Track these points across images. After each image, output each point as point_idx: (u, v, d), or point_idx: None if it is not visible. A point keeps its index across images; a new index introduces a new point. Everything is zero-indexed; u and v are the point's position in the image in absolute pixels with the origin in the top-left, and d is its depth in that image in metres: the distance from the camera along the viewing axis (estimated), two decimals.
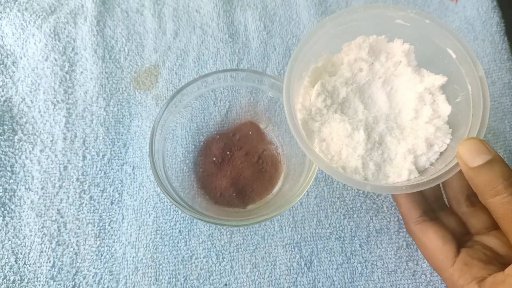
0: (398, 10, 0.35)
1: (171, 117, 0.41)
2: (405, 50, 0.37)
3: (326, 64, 0.38)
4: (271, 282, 0.40)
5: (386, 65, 0.38)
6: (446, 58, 0.35)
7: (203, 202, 0.41)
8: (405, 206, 0.34)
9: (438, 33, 0.35)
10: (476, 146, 0.27)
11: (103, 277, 0.40)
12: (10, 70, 0.49)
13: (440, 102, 0.36)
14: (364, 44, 0.37)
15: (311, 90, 0.36)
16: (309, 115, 0.36)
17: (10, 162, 0.44)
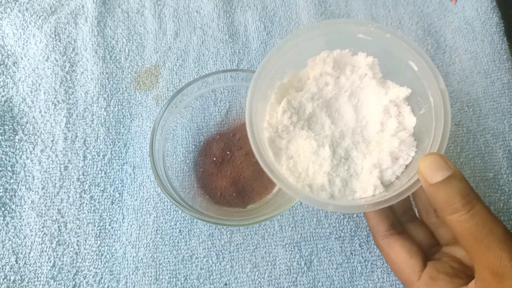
0: (359, 25, 0.35)
1: (172, 117, 0.41)
2: (369, 63, 0.37)
3: (292, 80, 0.38)
4: (271, 282, 0.40)
5: (351, 78, 0.38)
6: (409, 70, 0.35)
7: (203, 202, 0.41)
8: (373, 220, 0.34)
9: (399, 47, 0.35)
10: (436, 162, 0.27)
11: (104, 277, 0.40)
12: (11, 70, 0.49)
13: (406, 114, 0.36)
14: (329, 59, 0.37)
15: (277, 107, 0.36)
16: (276, 132, 0.36)
17: (10, 162, 0.44)
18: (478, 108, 0.47)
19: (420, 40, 0.51)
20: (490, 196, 0.44)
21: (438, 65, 0.50)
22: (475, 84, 0.48)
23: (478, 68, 0.49)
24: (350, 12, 0.53)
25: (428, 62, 0.34)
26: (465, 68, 0.49)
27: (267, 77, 0.35)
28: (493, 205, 0.43)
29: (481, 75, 0.49)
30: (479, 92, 0.48)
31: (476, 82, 0.48)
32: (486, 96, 0.48)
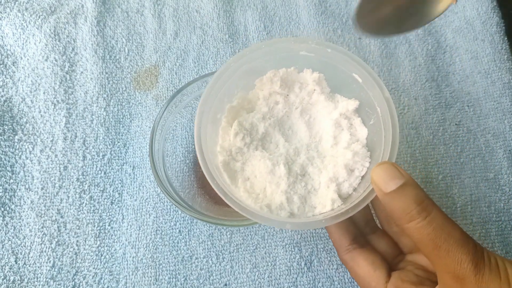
0: (300, 42, 0.36)
1: (171, 117, 0.41)
2: (316, 78, 0.37)
3: (242, 102, 0.38)
4: (271, 282, 0.40)
5: (300, 95, 0.38)
6: (354, 83, 0.36)
7: (203, 202, 0.41)
8: (335, 234, 0.34)
9: (341, 60, 0.35)
10: (388, 170, 0.27)
11: (103, 277, 0.40)
12: (10, 70, 0.49)
13: (357, 126, 0.37)
14: (275, 78, 0.37)
15: (229, 130, 0.36)
16: (230, 155, 0.36)
17: (10, 162, 0.44)
18: (479, 108, 0.47)
19: (420, 40, 0.51)
20: (490, 196, 0.43)
21: (439, 65, 0.49)
22: (476, 84, 0.48)
23: (479, 68, 0.49)
24: (350, 11, 0.53)
25: (370, 73, 0.34)
26: (465, 68, 0.49)
27: (214, 101, 0.35)
28: (494, 205, 0.43)
29: (482, 75, 0.48)
30: (480, 92, 0.48)
31: (476, 82, 0.48)
32: (487, 96, 0.47)
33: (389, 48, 0.50)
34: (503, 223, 0.42)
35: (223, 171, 0.34)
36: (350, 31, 0.51)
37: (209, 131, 0.34)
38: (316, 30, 0.51)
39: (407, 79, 0.48)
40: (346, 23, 0.52)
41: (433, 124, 0.47)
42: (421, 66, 0.49)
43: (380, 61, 0.49)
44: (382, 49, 0.50)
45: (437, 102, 0.48)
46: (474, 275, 0.24)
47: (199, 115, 0.33)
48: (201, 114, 0.34)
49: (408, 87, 0.48)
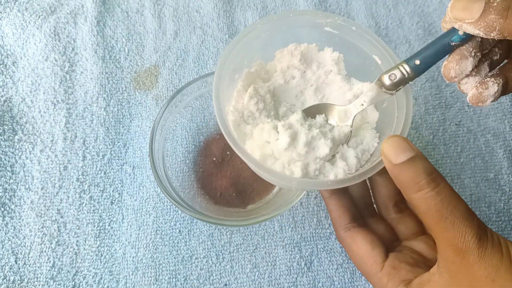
0: (326, 17, 0.36)
1: (171, 117, 0.41)
2: (335, 58, 0.37)
3: (259, 71, 0.38)
4: (271, 282, 0.40)
5: (317, 73, 0.38)
6: (372, 65, 0.36)
7: (203, 202, 0.41)
8: (335, 212, 0.34)
9: (364, 40, 0.35)
10: (399, 143, 0.27)
11: (103, 277, 0.40)
12: (10, 70, 0.49)
13: (368, 109, 0.37)
14: (296, 52, 0.37)
15: (244, 94, 0.37)
16: (242, 117, 0.36)
17: (10, 162, 0.44)
18: (479, 108, 0.47)
19: (420, 40, 0.51)
20: (490, 196, 0.43)
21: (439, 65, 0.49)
22: None
23: None
24: (350, 11, 0.53)
25: (391, 56, 0.34)
26: None
27: (236, 58, 0.35)
28: (494, 205, 0.43)
29: None
30: None
31: None
32: None
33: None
34: (503, 223, 0.42)
35: (232, 131, 0.34)
36: None
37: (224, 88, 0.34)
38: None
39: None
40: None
41: (433, 124, 0.47)
42: None
43: None
44: None
45: (437, 102, 0.48)
46: (477, 249, 0.25)
47: (220, 66, 0.34)
48: (222, 66, 0.34)
49: None
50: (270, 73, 0.39)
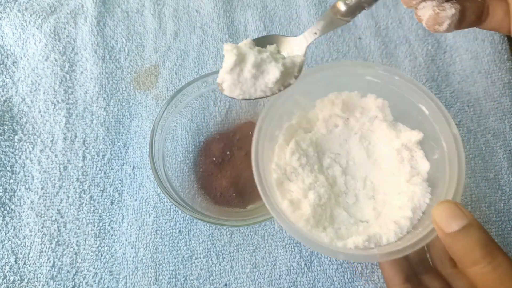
0: (367, 67, 0.35)
1: (171, 117, 0.41)
2: (379, 105, 0.36)
3: (300, 121, 0.37)
4: (271, 282, 0.40)
5: (361, 121, 0.37)
6: (420, 114, 0.35)
7: (203, 202, 0.41)
8: (388, 272, 0.32)
9: (408, 89, 0.34)
10: (451, 210, 0.26)
11: (103, 277, 0.40)
12: (10, 70, 0.49)
13: (419, 158, 0.35)
14: (337, 100, 0.36)
15: (286, 148, 0.36)
16: (284, 174, 0.35)
17: (10, 162, 0.44)
18: (479, 108, 0.47)
19: (420, 40, 0.51)
20: (490, 196, 0.43)
21: (439, 65, 0.49)
22: (476, 84, 0.48)
23: (479, 68, 0.49)
24: None
25: (439, 106, 0.33)
26: (465, 68, 0.49)
27: (274, 118, 0.34)
28: (494, 205, 0.43)
29: (482, 75, 0.48)
30: (480, 92, 0.48)
31: (476, 82, 0.48)
32: (487, 96, 0.47)
33: (389, 48, 0.50)
34: (503, 223, 0.42)
35: (276, 189, 0.33)
36: (350, 31, 0.51)
37: (265, 148, 0.33)
38: None
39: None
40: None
41: None
42: (421, 66, 0.49)
43: (380, 61, 0.49)
44: (382, 49, 0.50)
45: None
46: None
47: (257, 131, 0.33)
48: (259, 130, 0.33)
49: None
50: (312, 122, 0.38)
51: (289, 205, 0.33)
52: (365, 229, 0.33)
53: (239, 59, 0.30)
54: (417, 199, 0.33)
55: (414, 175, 0.35)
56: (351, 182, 0.36)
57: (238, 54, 0.29)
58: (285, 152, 0.36)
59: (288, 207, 0.33)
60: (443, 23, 0.27)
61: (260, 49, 0.32)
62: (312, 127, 0.38)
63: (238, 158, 0.43)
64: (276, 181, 0.34)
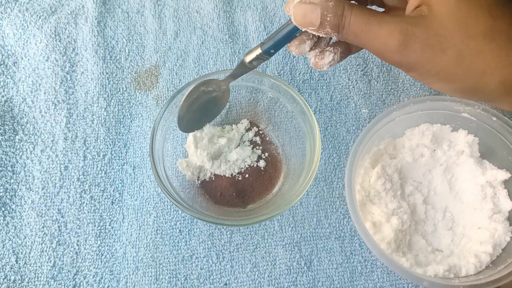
0: (466, 105, 0.36)
1: (172, 117, 0.41)
2: (469, 141, 0.37)
3: (387, 147, 0.39)
4: (271, 282, 0.40)
5: (448, 153, 0.38)
6: (510, 154, 0.36)
7: (203, 202, 0.41)
8: None
9: (504, 130, 0.36)
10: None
11: (104, 277, 0.40)
12: (11, 71, 0.49)
13: (501, 197, 0.36)
14: (428, 132, 0.38)
15: (371, 171, 0.37)
16: (368, 196, 0.36)
17: (11, 162, 0.44)
18: None
19: None
20: None
21: None
22: None
23: None
24: None
25: None
26: None
27: (367, 143, 0.36)
28: None
29: None
30: None
31: None
32: None
33: None
34: None
35: (359, 210, 0.35)
36: None
37: (353, 175, 0.35)
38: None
39: (407, 79, 0.48)
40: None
41: None
42: None
43: (379, 61, 0.49)
44: None
45: None
46: None
47: (352, 155, 0.35)
48: (355, 153, 0.35)
49: (408, 87, 0.48)
50: (398, 149, 0.39)
51: (371, 227, 0.35)
52: (443, 258, 0.35)
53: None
54: (498, 236, 0.34)
55: (496, 212, 0.36)
56: (431, 212, 0.38)
57: None
58: (369, 175, 0.37)
59: (370, 228, 0.35)
60: (323, 67, 0.33)
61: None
62: (397, 154, 0.39)
63: None
64: (359, 202, 0.36)
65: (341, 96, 0.48)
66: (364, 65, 0.49)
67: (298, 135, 0.42)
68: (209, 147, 0.42)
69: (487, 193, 0.37)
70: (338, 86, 0.48)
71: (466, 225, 0.37)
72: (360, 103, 0.47)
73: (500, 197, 0.37)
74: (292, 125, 0.42)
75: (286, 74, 0.49)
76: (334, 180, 0.43)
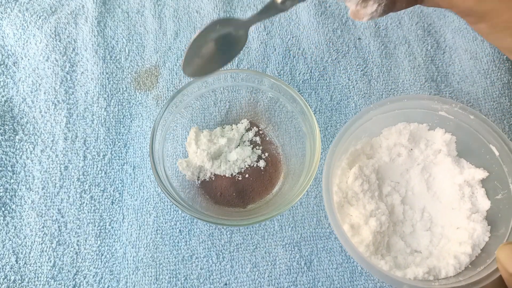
0: (443, 103, 0.36)
1: (172, 117, 0.41)
2: (447, 140, 0.37)
3: (364, 147, 0.38)
4: (271, 282, 0.40)
5: (425, 153, 0.38)
6: (488, 153, 0.35)
7: (203, 202, 0.41)
8: None
9: (482, 129, 0.35)
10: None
11: (104, 277, 0.40)
12: (11, 71, 0.49)
13: (479, 196, 0.36)
14: (405, 131, 0.37)
15: (348, 171, 0.37)
16: (345, 198, 0.36)
17: (11, 162, 0.44)
18: (478, 108, 0.47)
19: (420, 40, 0.51)
20: None
21: (438, 65, 0.50)
22: (475, 84, 0.48)
23: (478, 68, 0.49)
24: None
25: (511, 149, 0.34)
26: (465, 68, 0.49)
27: (345, 143, 0.35)
28: None
29: (481, 75, 0.49)
30: (479, 92, 0.48)
31: (476, 82, 0.48)
32: (486, 96, 0.48)
33: (388, 48, 0.50)
34: None
35: (337, 212, 0.34)
36: (350, 32, 0.51)
37: (332, 175, 0.35)
38: (316, 31, 0.51)
39: (407, 79, 0.49)
40: (346, 23, 0.52)
41: None
42: (420, 66, 0.49)
43: (379, 62, 0.50)
44: (382, 50, 0.50)
45: None
46: None
47: (329, 156, 0.34)
48: (332, 153, 0.34)
49: (408, 87, 0.48)
50: (375, 149, 0.39)
51: (349, 229, 0.34)
52: (422, 260, 0.34)
53: None
54: (477, 236, 0.34)
55: (474, 212, 0.36)
56: (409, 212, 0.37)
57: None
58: (347, 175, 0.37)
59: (348, 231, 0.34)
60: (363, 18, 0.30)
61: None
62: (374, 154, 0.39)
63: None
64: (337, 204, 0.35)
65: (341, 96, 0.48)
66: (364, 65, 0.49)
67: (298, 135, 0.42)
68: (209, 147, 0.42)
69: (465, 192, 0.36)
70: (338, 86, 0.48)
71: (445, 225, 0.36)
72: (360, 103, 0.47)
73: (478, 196, 0.36)
74: (292, 125, 0.42)
75: (286, 74, 0.49)
76: None
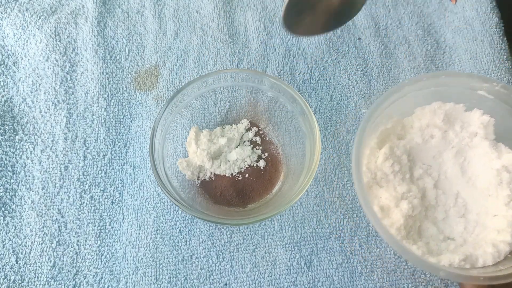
0: (483, 81, 0.33)
1: (172, 117, 0.41)
2: (484, 122, 0.34)
3: (395, 126, 0.36)
4: (271, 282, 0.40)
5: (460, 135, 0.35)
6: None
7: (203, 202, 0.41)
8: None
9: None
10: None
11: (104, 277, 0.40)
12: (11, 70, 0.49)
13: None
14: (440, 111, 0.35)
15: (377, 151, 0.34)
16: (374, 179, 0.34)
17: (11, 162, 0.44)
18: None
19: (420, 40, 0.51)
20: None
21: (438, 65, 0.50)
22: None
23: (478, 68, 0.49)
24: None
25: None
26: (465, 68, 0.49)
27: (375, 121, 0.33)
28: None
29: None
30: None
31: None
32: None
33: (388, 48, 0.51)
34: None
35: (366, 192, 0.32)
36: (350, 32, 0.52)
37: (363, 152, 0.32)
38: None
39: (407, 79, 0.49)
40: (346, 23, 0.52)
41: None
42: (420, 66, 0.49)
43: (379, 61, 0.50)
44: (382, 49, 0.50)
45: None
46: None
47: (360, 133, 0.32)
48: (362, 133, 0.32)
49: None
50: (406, 129, 0.36)
51: (379, 211, 0.32)
52: (456, 247, 0.32)
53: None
54: None
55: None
56: (442, 197, 0.35)
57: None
58: (376, 156, 0.34)
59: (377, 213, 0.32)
60: None
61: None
62: (405, 134, 0.36)
63: None
64: (366, 184, 0.33)
65: (341, 96, 0.48)
66: (364, 65, 0.49)
67: (298, 135, 0.42)
68: (209, 146, 0.42)
69: (503, 178, 0.34)
70: (338, 86, 0.48)
71: (480, 212, 0.34)
72: (360, 103, 0.47)
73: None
74: (292, 125, 0.42)
75: (286, 74, 0.49)
76: (334, 180, 0.43)
